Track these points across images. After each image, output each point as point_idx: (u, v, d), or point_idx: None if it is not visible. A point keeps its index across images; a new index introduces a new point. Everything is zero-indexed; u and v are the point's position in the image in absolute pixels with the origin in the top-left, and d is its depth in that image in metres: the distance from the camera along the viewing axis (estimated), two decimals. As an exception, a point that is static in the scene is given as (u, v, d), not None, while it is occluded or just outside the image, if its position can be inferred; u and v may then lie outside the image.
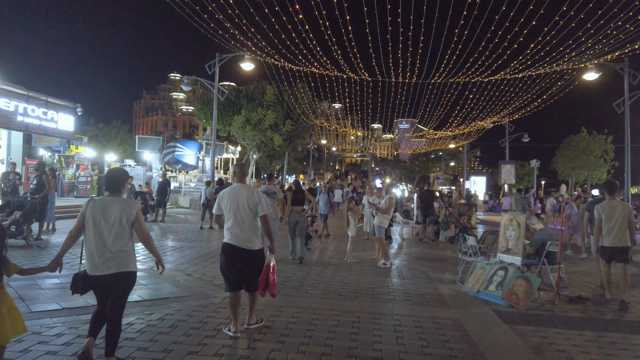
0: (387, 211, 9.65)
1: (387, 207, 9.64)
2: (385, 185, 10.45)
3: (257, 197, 4.80)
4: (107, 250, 3.76)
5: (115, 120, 50.75)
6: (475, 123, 31.25)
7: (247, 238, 4.71)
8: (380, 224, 9.59)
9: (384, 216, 9.62)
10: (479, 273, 7.42)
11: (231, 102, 30.08)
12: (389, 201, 9.71)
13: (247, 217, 4.72)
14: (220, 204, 4.84)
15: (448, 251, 12.45)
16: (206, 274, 8.06)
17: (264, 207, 4.82)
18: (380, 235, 9.60)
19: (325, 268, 9.07)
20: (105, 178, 4.08)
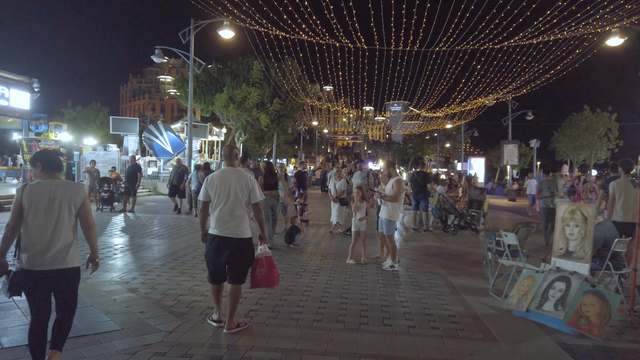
0: (397, 198, 7.46)
1: (395, 192, 7.43)
2: (385, 166, 7.97)
3: (250, 183, 4.47)
4: (49, 242, 3.34)
5: (95, 102, 48.05)
6: (477, 100, 29.18)
7: (237, 226, 4.39)
8: (391, 218, 7.50)
9: (393, 206, 7.51)
10: (526, 284, 5.46)
11: (214, 79, 27.74)
12: (397, 185, 7.45)
13: (238, 204, 4.40)
14: (208, 190, 4.47)
15: (461, 244, 10.52)
16: (157, 288, 6.02)
17: (257, 195, 4.50)
18: (391, 233, 7.53)
19: (317, 274, 7.09)
20: (41, 157, 3.53)
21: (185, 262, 7.61)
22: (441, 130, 57.65)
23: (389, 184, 7.69)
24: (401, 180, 7.65)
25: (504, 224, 14.71)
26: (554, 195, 9.94)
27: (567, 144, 40.88)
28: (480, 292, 6.31)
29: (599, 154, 40.59)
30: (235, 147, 4.99)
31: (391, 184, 7.58)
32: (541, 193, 10.11)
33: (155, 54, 17.29)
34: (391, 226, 7.52)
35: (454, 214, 12.50)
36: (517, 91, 23.86)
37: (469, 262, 8.47)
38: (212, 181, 4.47)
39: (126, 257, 7.96)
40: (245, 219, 4.46)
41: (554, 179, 10.35)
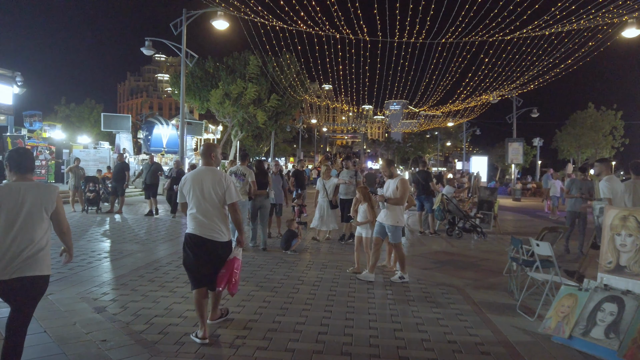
0: (403, 200, 6.55)
1: (402, 194, 6.48)
2: (384, 165, 7.02)
3: (225, 182, 4.28)
4: (8, 249, 3.04)
5: (89, 99, 47.06)
6: (481, 97, 28.31)
7: (213, 228, 4.19)
8: (398, 223, 6.58)
9: (400, 210, 6.63)
10: (567, 304, 4.59)
11: (209, 75, 26.81)
12: (402, 185, 6.49)
13: (212, 205, 4.22)
14: (183, 190, 4.32)
15: (472, 250, 9.65)
16: (129, 307, 5.13)
17: (233, 195, 4.29)
18: (398, 240, 6.63)
19: (316, 287, 6.21)
20: (9, 157, 3.25)
21: (167, 272, 6.72)
22: (442, 129, 56.81)
23: (390, 184, 6.69)
24: (406, 180, 6.69)
25: (515, 227, 13.84)
26: (583, 198, 8.84)
27: (571, 143, 40.04)
28: (506, 310, 5.43)
29: (602, 152, 39.76)
30: (213, 144, 4.74)
31: (395, 184, 6.58)
32: (570, 193, 9.10)
33: (146, 46, 16.37)
34: (398, 233, 6.59)
35: (458, 215, 11.64)
36: (523, 87, 22.99)
37: (485, 271, 7.59)
38: (186, 181, 4.32)
39: (101, 266, 7.06)
40: (222, 221, 4.26)
41: (586, 179, 9.15)
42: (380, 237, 6.72)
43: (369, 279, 6.52)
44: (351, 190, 9.43)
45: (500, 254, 9.18)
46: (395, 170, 6.89)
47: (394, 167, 6.98)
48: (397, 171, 7.44)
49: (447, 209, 11.68)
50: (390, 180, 6.73)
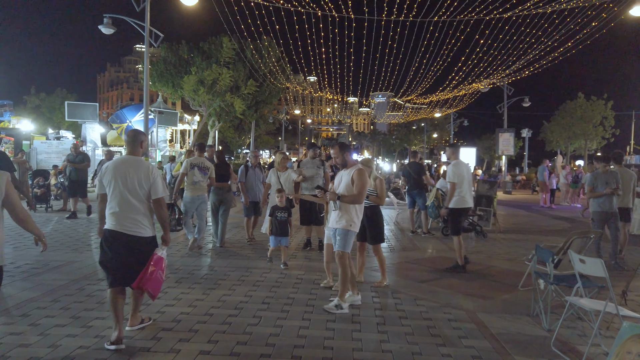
0: (359, 198, 4.89)
1: (359, 189, 4.86)
2: (336, 152, 5.25)
3: (152, 175, 3.92)
4: None
5: (60, 89, 44.63)
6: (471, 85, 27.04)
7: (135, 223, 3.88)
8: (350, 227, 4.96)
9: (353, 210, 5.01)
10: (635, 351, 3.20)
11: (184, 61, 25.05)
12: (359, 178, 4.90)
13: (136, 198, 3.88)
14: (103, 181, 3.94)
15: (474, 254, 8.29)
16: (13, 355, 3.61)
17: (159, 189, 3.95)
18: (346, 249, 4.93)
19: (288, 307, 4.76)
20: None
21: (91, 294, 5.20)
22: (429, 120, 55.68)
23: (344, 177, 5.03)
24: (364, 171, 4.98)
25: (515, 224, 12.54)
26: (615, 193, 7.04)
27: (561, 134, 39.16)
28: (537, 345, 4.04)
29: (591, 143, 39.00)
30: (141, 132, 4.31)
31: (349, 176, 4.93)
32: (595, 191, 7.17)
33: (104, 23, 14.62)
34: (348, 240, 4.92)
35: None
36: (516, 74, 21.77)
37: (495, 283, 6.23)
38: (107, 171, 3.95)
39: (14, 284, 5.50)
40: (145, 215, 3.97)
41: (612, 171, 7.31)
42: (332, 244, 5.14)
43: (355, 303, 5.07)
44: (319, 183, 7.86)
45: (508, 258, 7.86)
46: (350, 158, 5.19)
47: (349, 153, 5.18)
48: (355, 158, 5.94)
49: (442, 205, 10.29)
50: (344, 171, 5.06)
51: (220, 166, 8.19)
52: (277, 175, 7.74)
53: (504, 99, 27.86)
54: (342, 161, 5.10)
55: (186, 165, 7.64)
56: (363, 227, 5.74)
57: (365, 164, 5.69)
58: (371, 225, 5.77)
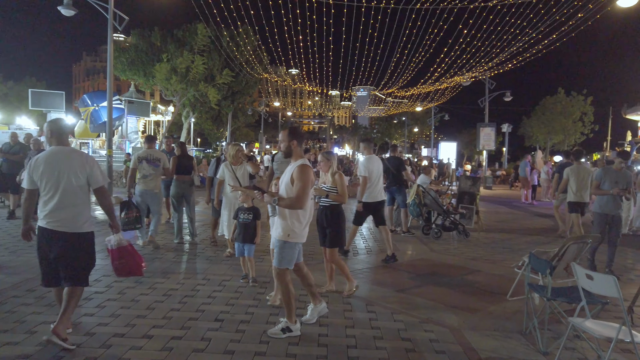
0: (300, 202, 3.86)
1: (299, 192, 3.85)
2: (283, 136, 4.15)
3: (87, 165, 3.74)
4: None
5: (29, 77, 42.77)
6: (453, 78, 26.59)
7: (70, 218, 3.69)
8: (289, 238, 3.99)
9: (294, 216, 4.03)
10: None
11: (156, 48, 23.91)
12: (300, 176, 3.89)
13: (72, 191, 3.69)
14: (33, 175, 3.69)
15: (456, 255, 7.71)
16: None
17: (99, 178, 3.80)
18: (281, 265, 3.98)
19: (244, 326, 4.06)
20: None
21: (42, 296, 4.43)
22: (410, 114, 55.34)
23: (286, 174, 4.06)
24: (307, 167, 3.95)
25: (498, 221, 12.04)
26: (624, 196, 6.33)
27: (540, 129, 39.16)
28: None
29: (570, 139, 39.12)
30: (62, 120, 4.04)
31: (290, 172, 3.97)
32: (601, 188, 6.44)
33: (64, 4, 13.54)
34: (287, 253, 3.97)
35: (437, 210, 9.70)
36: (499, 67, 21.34)
37: (481, 292, 5.63)
38: (37, 165, 3.69)
39: None
40: (83, 209, 3.77)
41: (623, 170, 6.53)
42: None
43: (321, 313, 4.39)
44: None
45: (493, 261, 7.29)
46: (299, 149, 4.11)
47: (298, 142, 4.07)
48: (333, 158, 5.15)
49: (423, 202, 9.70)
50: (289, 166, 4.09)
51: (182, 158, 7.98)
52: (232, 169, 6.86)
53: (485, 93, 27.49)
54: (286, 149, 4.05)
55: (134, 159, 7.35)
56: (323, 229, 5.19)
57: (325, 157, 5.06)
58: (330, 226, 5.12)
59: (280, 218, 3.99)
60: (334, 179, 4.98)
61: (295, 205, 3.84)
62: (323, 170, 5.11)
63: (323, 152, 5.34)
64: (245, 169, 7.05)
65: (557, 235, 9.77)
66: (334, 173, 5.00)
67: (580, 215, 8.29)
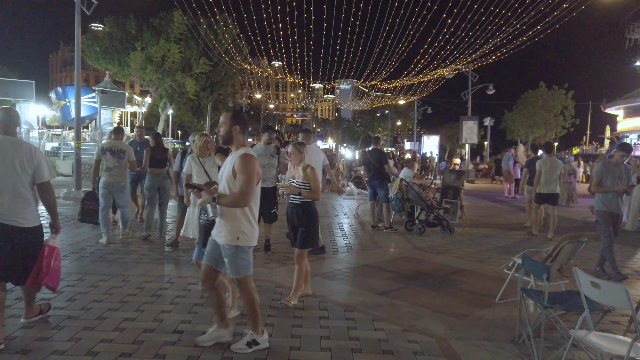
0: (245, 198, 3.24)
1: (243, 187, 3.21)
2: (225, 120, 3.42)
3: (35, 158, 3.57)
4: None
5: (1, 66, 41.13)
6: (436, 71, 26.28)
7: (14, 211, 3.48)
8: (239, 241, 3.35)
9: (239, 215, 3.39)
10: None
11: (131, 37, 23.03)
12: (242, 168, 3.25)
13: (14, 182, 3.49)
14: None
15: (441, 253, 7.35)
16: None
17: (45, 173, 3.64)
18: (239, 274, 3.40)
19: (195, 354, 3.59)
20: None
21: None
22: (393, 107, 55.09)
23: (227, 165, 3.40)
24: (251, 157, 3.28)
25: (482, 216, 11.75)
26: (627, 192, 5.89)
27: (522, 123, 39.27)
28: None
29: (551, 133, 39.33)
30: (11, 110, 3.74)
31: (231, 164, 3.32)
32: (603, 184, 5.88)
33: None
34: (240, 259, 3.35)
35: (420, 205, 9.33)
36: (482, 59, 21.09)
37: (468, 294, 5.25)
38: None
39: None
40: (28, 203, 3.58)
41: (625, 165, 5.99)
42: (212, 266, 3.49)
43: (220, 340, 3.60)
44: (272, 175, 6.62)
45: (479, 259, 6.94)
46: (242, 137, 3.40)
47: (241, 127, 3.37)
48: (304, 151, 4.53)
49: (406, 197, 9.32)
50: (229, 157, 3.44)
51: (156, 150, 7.68)
52: (200, 162, 6.26)
53: (468, 86, 27.28)
54: (226, 134, 3.34)
55: (98, 150, 7.14)
56: (295, 229, 4.68)
57: (296, 148, 4.50)
58: (302, 225, 4.58)
59: (225, 219, 3.33)
60: (306, 173, 4.47)
61: (240, 203, 3.23)
62: (293, 164, 4.57)
63: (293, 142, 4.79)
64: (214, 161, 6.50)
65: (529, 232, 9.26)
66: (305, 167, 4.48)
67: (553, 207, 8.69)
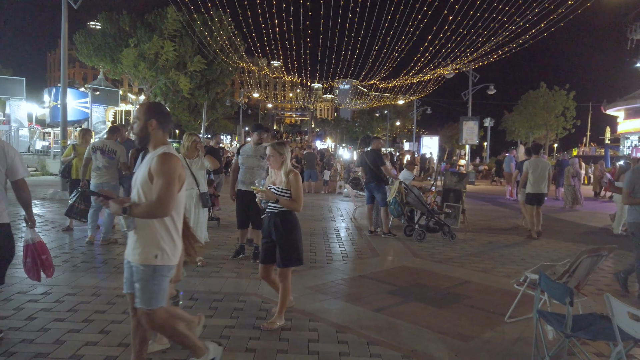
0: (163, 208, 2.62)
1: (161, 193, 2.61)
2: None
3: (8, 155, 3.56)
4: None
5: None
6: (436, 71, 25.81)
7: None
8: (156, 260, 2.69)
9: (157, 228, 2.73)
10: None
11: (125, 33, 22.54)
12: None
13: None
14: None
15: (443, 262, 6.87)
16: None
17: (19, 170, 3.62)
18: (150, 305, 2.69)
19: None
20: None
21: None
22: (392, 107, 54.64)
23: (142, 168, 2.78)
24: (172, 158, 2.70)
25: (483, 219, 11.27)
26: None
27: (522, 124, 38.81)
28: None
29: (552, 134, 38.89)
30: None
31: (147, 165, 2.72)
32: (636, 195, 5.06)
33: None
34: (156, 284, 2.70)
35: (421, 209, 8.85)
36: (483, 59, 20.63)
37: (474, 310, 4.76)
38: None
39: None
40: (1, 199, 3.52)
41: None
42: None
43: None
44: (261, 178, 6.08)
45: (483, 269, 6.47)
46: (160, 134, 2.81)
47: (156, 123, 2.78)
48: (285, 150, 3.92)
49: (405, 200, 8.83)
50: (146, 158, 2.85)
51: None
52: (186, 164, 5.81)
53: (468, 86, 26.83)
54: (141, 131, 2.77)
55: (88, 149, 6.90)
56: (271, 242, 4.03)
57: (275, 149, 3.90)
58: (281, 239, 3.96)
59: (139, 233, 2.70)
60: (288, 179, 3.90)
61: (157, 212, 2.61)
62: (273, 167, 3.99)
63: (273, 142, 4.20)
64: (202, 163, 6.07)
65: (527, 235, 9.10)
66: (288, 172, 3.92)
67: (538, 206, 8.92)
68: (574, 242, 8.83)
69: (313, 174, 16.83)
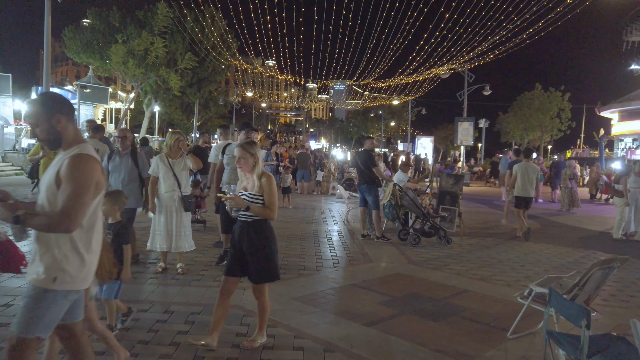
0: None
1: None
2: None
3: None
4: None
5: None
6: (431, 71, 25.53)
7: None
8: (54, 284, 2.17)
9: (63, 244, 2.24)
10: None
11: (115, 29, 22.05)
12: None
13: None
14: None
15: (439, 269, 6.52)
16: None
17: None
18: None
19: None
20: None
21: None
22: (386, 107, 54.38)
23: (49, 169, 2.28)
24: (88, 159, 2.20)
25: (480, 223, 10.95)
26: None
27: (517, 125, 38.65)
28: None
29: (547, 135, 38.76)
30: None
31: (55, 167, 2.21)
32: None
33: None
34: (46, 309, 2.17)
35: (415, 213, 8.49)
36: (479, 58, 20.36)
37: (474, 325, 4.41)
38: None
39: None
40: None
41: None
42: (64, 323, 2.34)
43: None
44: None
45: (481, 277, 6.13)
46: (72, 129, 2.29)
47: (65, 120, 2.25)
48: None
49: (400, 203, 8.48)
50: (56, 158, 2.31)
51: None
52: (169, 163, 5.44)
53: (464, 87, 26.57)
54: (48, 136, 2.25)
55: None
56: (241, 254, 3.54)
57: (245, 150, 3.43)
58: (254, 252, 3.48)
59: (41, 248, 2.20)
60: (261, 183, 3.44)
61: (59, 226, 2.10)
62: (244, 171, 3.50)
63: (242, 141, 3.75)
64: (185, 163, 5.69)
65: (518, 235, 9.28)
66: (260, 175, 3.45)
67: (525, 209, 9.11)
68: (573, 247, 8.54)
69: (306, 174, 16.51)
